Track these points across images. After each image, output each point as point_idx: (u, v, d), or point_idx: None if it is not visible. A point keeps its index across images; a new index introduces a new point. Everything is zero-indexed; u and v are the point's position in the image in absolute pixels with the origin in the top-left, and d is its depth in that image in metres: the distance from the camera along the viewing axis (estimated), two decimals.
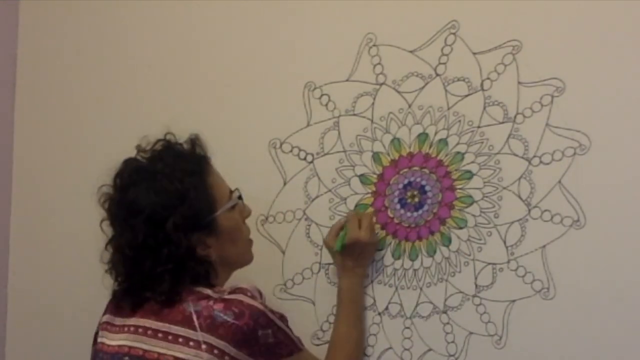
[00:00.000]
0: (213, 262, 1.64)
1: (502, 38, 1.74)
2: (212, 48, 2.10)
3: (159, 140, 1.69)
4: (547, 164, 1.70)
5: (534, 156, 1.71)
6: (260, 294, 1.62)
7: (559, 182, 1.68)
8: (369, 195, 1.88)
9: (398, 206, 1.84)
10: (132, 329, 1.62)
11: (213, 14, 2.10)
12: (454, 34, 1.80)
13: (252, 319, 1.55)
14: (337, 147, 1.91)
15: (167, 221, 1.58)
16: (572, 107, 1.67)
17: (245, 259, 1.76)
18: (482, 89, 1.77)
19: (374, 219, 1.85)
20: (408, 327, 1.81)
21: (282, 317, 1.62)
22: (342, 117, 1.91)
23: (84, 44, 2.31)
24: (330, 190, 1.92)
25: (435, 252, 1.80)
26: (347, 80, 1.91)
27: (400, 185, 1.84)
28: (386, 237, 1.85)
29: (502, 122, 1.74)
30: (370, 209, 1.86)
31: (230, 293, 1.59)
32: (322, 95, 1.94)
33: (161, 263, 1.59)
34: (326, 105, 1.93)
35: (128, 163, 1.67)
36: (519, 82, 1.73)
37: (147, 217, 1.59)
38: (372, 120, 1.87)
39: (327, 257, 1.88)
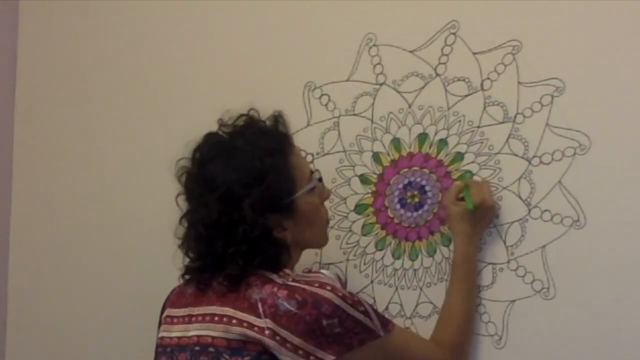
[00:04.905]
0: (288, 244, 1.58)
1: (502, 38, 1.74)
2: (212, 48, 2.10)
3: (241, 115, 1.63)
4: (547, 164, 1.70)
5: (534, 156, 1.71)
6: (340, 279, 1.53)
7: (559, 182, 1.68)
8: (369, 195, 1.88)
9: (398, 206, 1.84)
10: (199, 318, 1.56)
11: (213, 14, 2.10)
12: (454, 34, 1.79)
13: (316, 308, 1.48)
14: (337, 147, 1.91)
15: (244, 200, 1.52)
16: (572, 107, 1.67)
17: (321, 241, 1.71)
18: (482, 89, 1.77)
19: None
20: (408, 327, 1.81)
21: (357, 303, 1.52)
22: (342, 117, 1.91)
23: (84, 44, 2.31)
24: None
25: (435, 252, 1.80)
26: (347, 80, 1.90)
27: (400, 185, 1.84)
28: (386, 237, 1.85)
29: (502, 122, 1.74)
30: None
31: (295, 280, 1.52)
32: (322, 95, 1.94)
33: (234, 244, 1.53)
34: (326, 105, 1.93)
35: (208, 137, 1.62)
36: (519, 82, 1.72)
37: (223, 194, 1.53)
38: (372, 120, 1.87)
39: (327, 257, 1.88)
